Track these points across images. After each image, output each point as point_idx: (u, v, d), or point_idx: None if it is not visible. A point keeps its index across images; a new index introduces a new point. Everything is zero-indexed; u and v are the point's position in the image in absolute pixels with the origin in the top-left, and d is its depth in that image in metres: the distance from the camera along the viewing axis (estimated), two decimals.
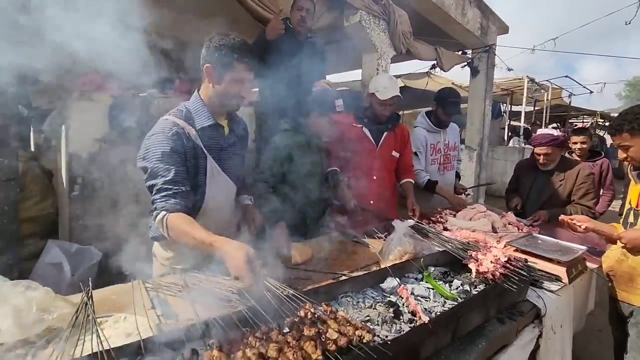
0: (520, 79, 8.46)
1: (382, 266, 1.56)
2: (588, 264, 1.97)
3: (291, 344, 0.85)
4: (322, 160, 2.60)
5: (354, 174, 2.59)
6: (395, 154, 2.72)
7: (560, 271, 1.71)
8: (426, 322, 1.04)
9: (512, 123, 11.71)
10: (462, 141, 6.95)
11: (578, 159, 3.48)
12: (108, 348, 0.78)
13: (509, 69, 7.30)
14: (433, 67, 6.33)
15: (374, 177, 2.62)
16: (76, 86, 2.67)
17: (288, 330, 0.92)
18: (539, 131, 2.90)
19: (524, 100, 8.62)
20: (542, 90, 9.60)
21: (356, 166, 2.60)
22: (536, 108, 11.28)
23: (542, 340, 1.55)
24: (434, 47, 5.03)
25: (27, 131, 4.36)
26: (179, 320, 1.19)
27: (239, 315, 0.97)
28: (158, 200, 1.40)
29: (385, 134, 2.65)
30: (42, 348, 0.98)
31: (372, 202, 2.55)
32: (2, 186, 1.81)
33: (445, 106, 2.96)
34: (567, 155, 3.50)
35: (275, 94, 2.92)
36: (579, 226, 1.89)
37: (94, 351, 0.76)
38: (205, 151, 1.53)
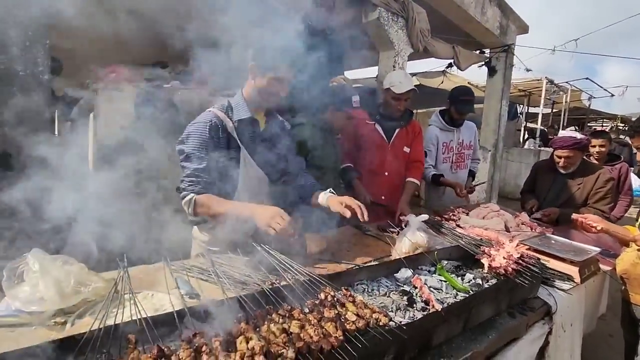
0: (538, 80, 8.32)
1: (394, 259, 1.61)
2: (601, 266, 1.97)
3: (312, 323, 0.90)
4: (336, 154, 2.65)
5: (367, 169, 2.64)
6: (406, 149, 2.74)
7: (573, 271, 1.72)
8: (439, 309, 1.08)
9: (529, 125, 11.52)
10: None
11: (596, 162, 3.44)
12: (146, 317, 0.84)
13: (528, 70, 7.20)
14: (449, 65, 6.29)
15: (386, 173, 2.66)
16: (103, 77, 2.78)
17: (309, 311, 0.97)
18: (561, 133, 2.85)
19: (542, 101, 8.47)
20: (561, 92, 9.42)
21: (368, 162, 2.64)
22: (554, 110, 11.08)
23: (552, 337, 1.57)
24: (451, 45, 5.01)
25: (52, 118, 4.53)
26: (201, 299, 1.27)
27: (261, 295, 1.03)
28: (187, 184, 1.57)
29: (397, 130, 2.67)
30: (79, 317, 1.06)
31: (383, 197, 2.59)
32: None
33: (457, 104, 2.97)
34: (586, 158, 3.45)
35: (293, 88, 2.98)
36: (593, 227, 1.89)
37: (132, 319, 0.83)
38: (240, 143, 1.65)
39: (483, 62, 6.22)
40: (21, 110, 1.84)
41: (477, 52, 6.18)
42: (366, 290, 1.29)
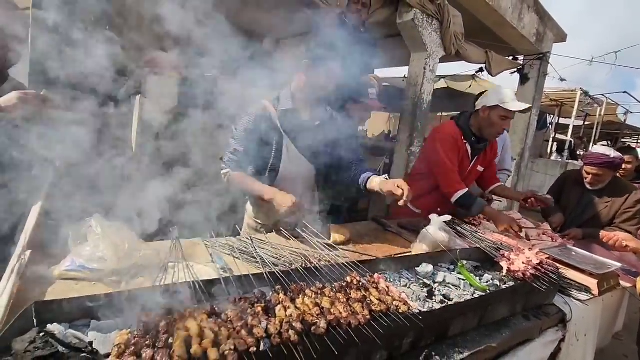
0: (572, 91, 8.07)
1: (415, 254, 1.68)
2: (622, 282, 1.98)
3: (341, 301, 1.00)
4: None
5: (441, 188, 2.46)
6: (480, 168, 2.63)
7: (591, 283, 1.75)
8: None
9: (558, 136, 11.20)
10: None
11: (622, 178, 3.36)
12: (198, 279, 0.96)
13: (562, 80, 7.00)
14: (480, 70, 6.20)
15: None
16: (146, 61, 2.94)
17: (337, 291, 1.07)
18: (595, 149, 2.75)
19: (574, 113, 8.22)
20: (595, 105, 9.10)
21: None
22: (586, 123, 10.72)
23: (564, 345, 1.61)
24: (484, 50, 4.95)
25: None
26: (233, 274, 1.38)
27: (295, 272, 1.13)
28: (226, 160, 1.89)
29: (480, 152, 2.55)
30: (132, 278, 1.19)
31: (439, 209, 2.46)
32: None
33: None
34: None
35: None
36: (624, 245, 1.89)
37: (187, 280, 0.95)
38: (283, 131, 1.84)
39: (516, 69, 6.10)
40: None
41: (511, 58, 6.07)
42: (388, 280, 1.37)
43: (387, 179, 1.84)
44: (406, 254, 1.63)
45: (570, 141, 9.72)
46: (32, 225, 1.27)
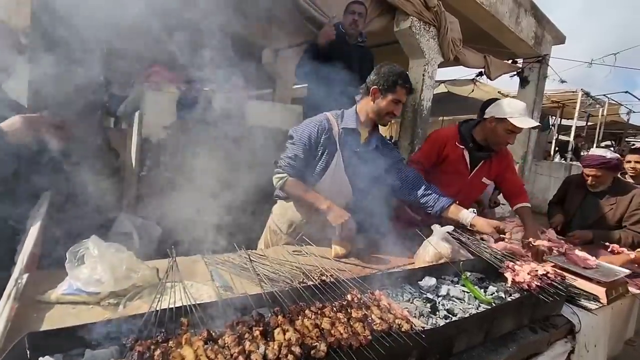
0: (573, 92, 8.05)
1: (417, 267, 1.65)
2: (631, 289, 1.94)
3: (342, 321, 0.98)
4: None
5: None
6: (485, 180, 2.50)
7: (599, 291, 1.71)
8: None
9: (561, 137, 11.14)
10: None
11: (631, 180, 3.32)
12: (194, 303, 0.94)
13: (562, 81, 6.98)
14: (480, 74, 6.21)
15: (457, 202, 2.37)
16: (145, 77, 2.96)
17: (337, 310, 1.04)
18: (592, 151, 2.81)
19: (576, 114, 8.18)
20: (597, 105, 9.05)
21: (444, 186, 2.36)
22: (589, 123, 10.66)
23: (574, 357, 1.57)
24: (482, 54, 4.95)
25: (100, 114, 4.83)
26: (234, 292, 1.36)
27: (294, 291, 1.11)
28: (284, 165, 1.90)
29: (483, 161, 2.45)
30: (130, 300, 1.18)
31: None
32: (87, 162, 2.09)
33: None
34: (620, 176, 3.34)
35: (323, 95, 3.07)
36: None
37: (183, 304, 0.93)
38: (338, 146, 1.89)
39: (515, 72, 6.10)
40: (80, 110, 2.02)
41: (510, 61, 6.07)
42: (390, 296, 1.35)
43: (475, 212, 1.90)
44: (409, 266, 1.60)
45: (574, 142, 9.67)
46: (30, 248, 1.26)
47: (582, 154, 10.11)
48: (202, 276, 1.48)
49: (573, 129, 8.12)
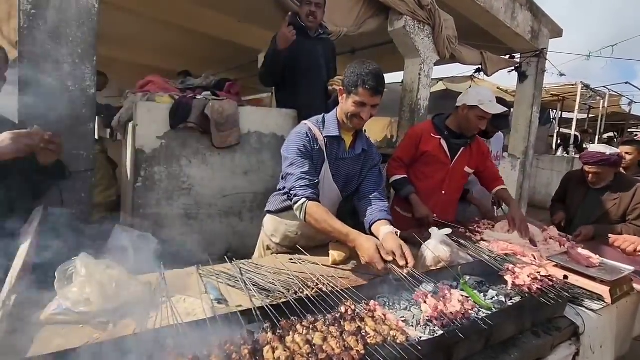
0: (573, 85, 7.98)
1: (417, 271, 1.62)
2: (636, 286, 1.89)
3: (334, 335, 0.95)
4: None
5: (423, 185, 2.54)
6: (467, 169, 2.60)
7: (603, 290, 1.67)
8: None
9: (562, 130, 11.06)
10: (505, 148, 6.71)
11: (623, 170, 3.26)
12: (181, 322, 0.92)
13: (561, 74, 6.92)
14: (477, 70, 6.17)
15: (443, 192, 2.57)
16: (140, 87, 2.95)
17: (330, 323, 1.02)
18: (591, 147, 2.74)
19: (577, 107, 8.12)
20: (598, 97, 8.98)
21: (427, 178, 2.55)
22: (590, 116, 10.58)
23: (580, 359, 1.53)
24: (479, 51, 4.92)
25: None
26: (229, 306, 1.34)
27: (286, 304, 1.09)
28: (298, 188, 1.67)
29: (462, 149, 2.53)
30: (120, 318, 1.16)
31: (435, 215, 2.47)
32: (80, 176, 2.07)
33: (494, 118, 2.88)
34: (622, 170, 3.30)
35: (289, 93, 3.02)
36: (634, 250, 1.83)
37: (170, 323, 0.91)
38: (326, 156, 1.79)
39: (513, 68, 6.05)
40: (71, 124, 2.00)
41: (507, 57, 6.03)
42: (387, 303, 1.32)
43: (396, 233, 1.68)
44: (406, 273, 1.57)
45: (576, 135, 9.58)
46: (19, 267, 1.25)
47: (585, 147, 10.03)
48: (196, 289, 1.45)
49: (574, 122, 8.05)
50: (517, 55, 6.04)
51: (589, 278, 1.75)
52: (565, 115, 10.67)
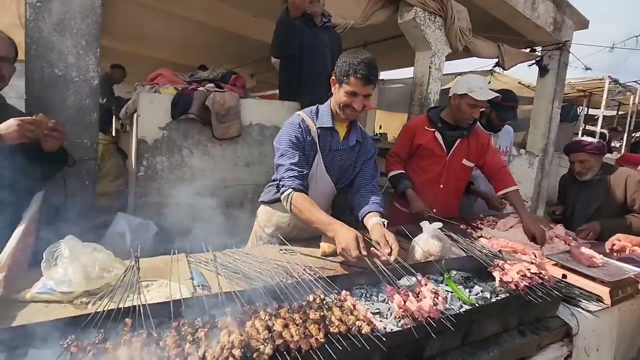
0: (600, 80, 7.58)
1: (402, 262, 1.58)
2: None
3: (297, 322, 0.95)
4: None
5: (421, 180, 2.53)
6: (466, 162, 2.53)
7: (603, 291, 1.59)
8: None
9: (589, 127, 10.54)
10: (523, 145, 6.47)
11: None
12: (144, 303, 0.94)
13: (587, 68, 6.59)
14: (496, 65, 5.96)
15: (441, 186, 2.53)
16: (150, 80, 3.02)
17: (295, 311, 1.01)
18: (574, 139, 2.76)
19: (603, 103, 7.71)
20: (628, 93, 8.49)
21: (424, 172, 2.53)
22: (620, 112, 10.04)
23: None
24: (496, 44, 4.75)
25: (110, 118, 4.99)
26: (211, 291, 1.36)
27: (255, 292, 1.09)
28: (286, 179, 1.68)
29: (458, 141, 2.48)
30: (100, 299, 1.19)
31: (434, 210, 2.46)
32: (84, 164, 2.15)
33: (500, 110, 2.80)
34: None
35: (293, 82, 3.02)
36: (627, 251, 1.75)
37: (133, 304, 0.93)
38: (319, 147, 1.78)
39: (534, 61, 5.81)
40: (75, 113, 2.07)
41: (528, 50, 5.79)
42: (364, 295, 1.30)
43: (384, 224, 1.66)
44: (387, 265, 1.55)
45: (604, 133, 9.11)
46: (11, 247, 1.31)
47: (613, 145, 9.52)
48: (182, 274, 1.48)
49: (600, 118, 7.65)
50: (539, 49, 5.79)
51: (588, 278, 1.67)
52: (593, 111, 10.15)
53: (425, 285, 1.21)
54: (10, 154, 1.62)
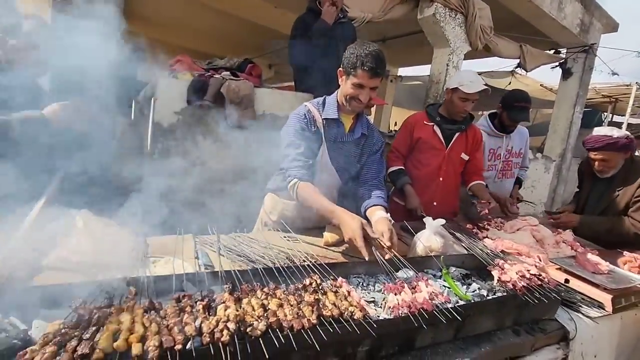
0: (627, 86, 7.31)
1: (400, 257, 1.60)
2: None
3: (291, 303, 0.98)
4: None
5: (421, 173, 2.57)
6: (464, 156, 2.60)
7: (605, 298, 1.57)
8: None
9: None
10: (541, 150, 6.33)
11: None
12: (149, 275, 0.99)
13: (613, 73, 6.36)
14: (518, 65, 5.82)
15: (441, 179, 2.56)
16: (170, 66, 3.09)
17: (291, 293, 1.05)
18: (595, 131, 2.41)
19: (629, 109, 7.45)
20: None
21: (424, 166, 2.57)
22: None
23: None
24: (518, 44, 4.64)
25: (130, 102, 5.11)
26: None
27: (254, 272, 1.13)
28: (292, 169, 1.72)
29: (456, 135, 2.54)
30: (108, 270, 1.26)
31: (435, 203, 2.53)
32: (104, 145, 2.23)
33: (511, 111, 2.76)
34: None
35: (307, 76, 3.04)
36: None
37: (139, 275, 0.99)
38: (324, 138, 1.80)
39: (557, 64, 5.65)
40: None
41: (552, 51, 5.63)
42: (361, 284, 1.33)
43: (390, 219, 1.68)
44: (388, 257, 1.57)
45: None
46: (31, 219, 1.39)
47: (637, 154, 9.17)
48: (189, 253, 1.54)
49: (624, 126, 7.39)
50: (564, 51, 5.63)
51: (591, 284, 1.65)
52: (618, 118, 9.80)
53: (424, 280, 1.22)
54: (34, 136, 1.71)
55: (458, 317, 1.17)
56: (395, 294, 1.11)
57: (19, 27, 1.84)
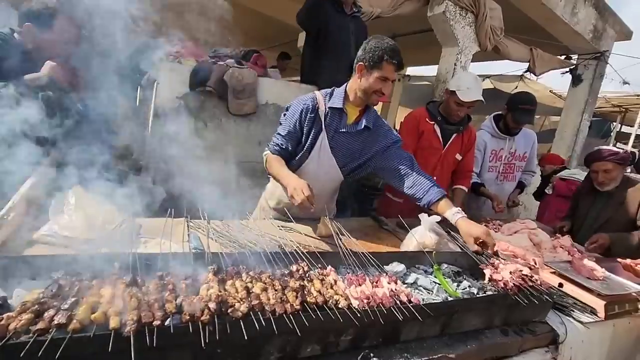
0: (638, 96, 7.21)
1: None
2: None
3: (276, 288, 0.98)
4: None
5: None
6: (458, 156, 2.61)
7: (597, 304, 1.55)
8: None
9: (620, 145, 10.08)
10: None
11: None
12: (135, 252, 0.99)
13: (625, 82, 6.26)
14: (528, 69, 5.75)
15: (435, 178, 2.52)
16: (173, 50, 3.08)
17: (276, 278, 1.04)
18: (596, 148, 2.60)
19: (638, 120, 7.35)
20: None
21: (421, 163, 2.51)
22: None
23: None
24: (528, 47, 4.58)
25: (135, 86, 5.13)
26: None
27: (242, 256, 1.13)
28: (270, 144, 1.89)
29: (454, 135, 2.54)
30: (97, 246, 1.26)
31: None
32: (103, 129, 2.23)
33: (515, 113, 2.72)
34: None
35: (314, 66, 3.02)
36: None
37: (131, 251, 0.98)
38: (324, 126, 1.83)
39: (568, 69, 5.57)
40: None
41: (563, 57, 5.55)
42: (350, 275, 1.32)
43: (464, 215, 1.72)
44: (378, 251, 1.56)
45: (634, 152, 8.67)
46: (23, 192, 1.38)
47: None
48: (180, 237, 1.54)
49: (632, 137, 7.29)
50: (574, 56, 5.55)
51: (585, 289, 1.63)
52: (626, 129, 9.68)
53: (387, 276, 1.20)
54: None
55: (445, 314, 1.16)
56: (356, 286, 1.10)
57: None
